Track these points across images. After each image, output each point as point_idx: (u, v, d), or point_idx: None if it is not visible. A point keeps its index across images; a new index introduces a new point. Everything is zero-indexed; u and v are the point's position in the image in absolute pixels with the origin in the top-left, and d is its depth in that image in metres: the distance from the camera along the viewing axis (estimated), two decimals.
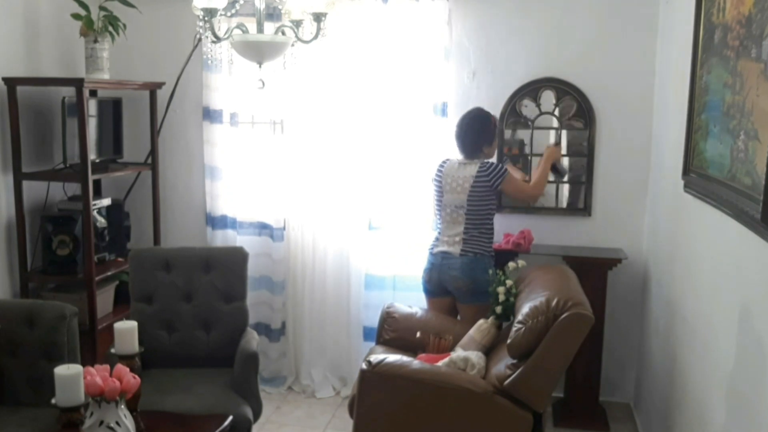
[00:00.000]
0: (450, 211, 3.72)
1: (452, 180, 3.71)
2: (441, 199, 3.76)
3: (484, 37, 4.13)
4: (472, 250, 3.63)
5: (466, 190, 3.65)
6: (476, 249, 3.64)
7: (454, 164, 3.76)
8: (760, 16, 2.16)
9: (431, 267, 3.76)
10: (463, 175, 3.68)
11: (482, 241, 3.66)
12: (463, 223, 3.66)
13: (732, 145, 2.39)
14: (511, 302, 3.25)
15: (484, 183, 3.63)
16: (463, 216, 3.67)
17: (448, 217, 3.73)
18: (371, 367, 2.88)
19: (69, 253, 3.79)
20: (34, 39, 3.94)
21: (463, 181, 3.66)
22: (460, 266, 3.62)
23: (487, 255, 3.67)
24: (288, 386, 4.42)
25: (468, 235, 3.66)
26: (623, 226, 4.13)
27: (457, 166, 3.74)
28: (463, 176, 3.67)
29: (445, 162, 3.81)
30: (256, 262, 4.26)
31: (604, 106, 4.07)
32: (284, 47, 2.88)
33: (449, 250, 3.68)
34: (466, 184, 3.65)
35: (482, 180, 3.63)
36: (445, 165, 3.79)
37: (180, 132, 4.49)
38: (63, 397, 2.39)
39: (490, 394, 2.86)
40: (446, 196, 3.73)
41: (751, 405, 2.14)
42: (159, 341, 3.53)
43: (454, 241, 3.68)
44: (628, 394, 4.27)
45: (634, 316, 4.16)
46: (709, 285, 2.72)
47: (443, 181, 3.75)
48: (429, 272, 3.78)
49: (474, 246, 3.64)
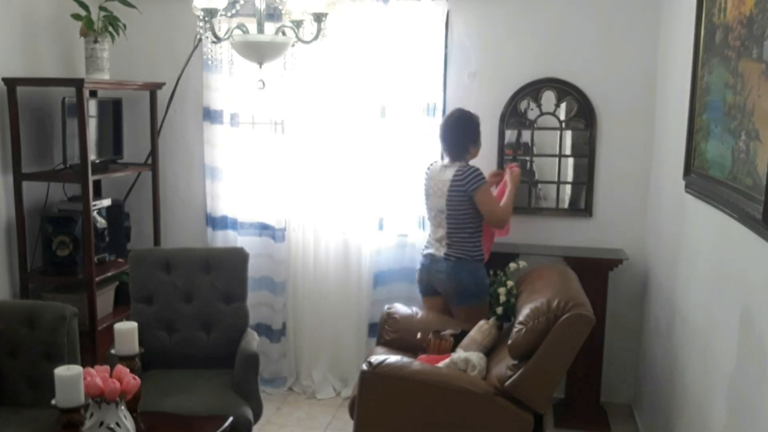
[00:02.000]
0: (434, 214, 3.72)
1: (434, 183, 3.69)
2: (427, 201, 3.77)
3: (484, 37, 4.13)
4: (455, 254, 3.62)
5: (445, 194, 3.61)
6: (459, 253, 3.61)
7: (437, 167, 3.73)
8: (762, 16, 2.15)
9: (422, 268, 3.79)
10: (443, 179, 3.64)
11: (466, 245, 3.62)
12: (446, 227, 3.65)
13: (733, 146, 2.38)
14: (512, 303, 3.25)
15: (459, 188, 3.57)
16: (444, 220, 3.65)
17: (433, 221, 3.74)
18: (372, 368, 2.88)
19: (69, 254, 3.78)
20: (34, 39, 3.93)
21: (443, 185, 3.62)
22: (445, 269, 3.63)
23: (472, 259, 3.61)
24: (288, 387, 4.41)
25: (451, 239, 3.64)
26: (624, 227, 4.13)
27: (439, 169, 3.70)
28: (443, 180, 3.63)
29: (432, 164, 3.80)
30: (257, 262, 4.26)
31: (605, 107, 4.07)
32: (285, 48, 2.87)
33: (435, 253, 3.69)
34: (444, 188, 3.61)
35: (457, 185, 3.57)
36: (431, 167, 3.78)
37: (180, 132, 4.48)
38: (63, 398, 2.38)
39: (490, 395, 2.85)
40: (430, 200, 3.73)
41: (752, 406, 2.14)
42: (159, 342, 3.53)
43: (440, 244, 3.68)
44: (629, 395, 4.26)
45: (635, 316, 4.15)
46: (710, 285, 2.71)
47: (427, 184, 3.75)
48: (420, 273, 3.81)
49: (457, 250, 3.62)
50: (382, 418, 2.92)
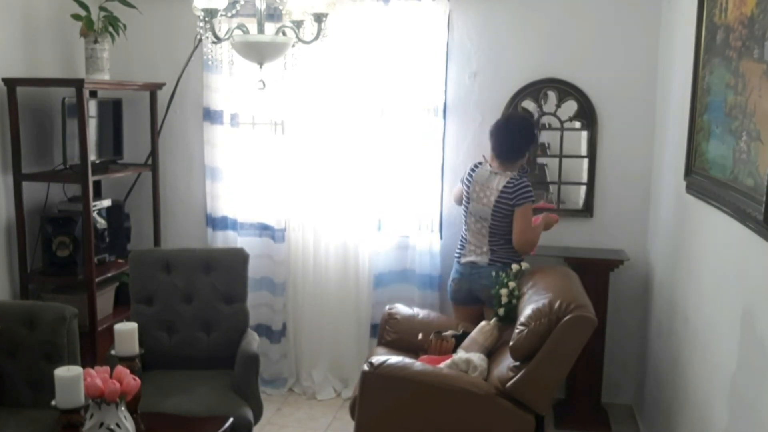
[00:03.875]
0: (474, 220, 3.59)
1: (480, 189, 3.55)
2: (468, 206, 3.63)
3: (485, 37, 4.12)
4: (500, 260, 3.53)
5: (491, 203, 3.49)
6: (504, 258, 3.54)
7: (485, 172, 3.57)
8: (763, 16, 2.15)
9: (460, 277, 3.65)
10: (490, 186, 3.51)
11: (509, 249, 3.55)
12: (488, 236, 3.55)
13: (734, 146, 2.38)
14: (514, 304, 3.24)
15: (506, 201, 3.47)
16: (487, 228, 3.54)
17: (473, 226, 3.60)
18: (373, 368, 2.87)
19: (69, 255, 3.78)
20: (34, 39, 3.93)
21: (490, 194, 3.50)
22: (490, 276, 3.48)
23: (516, 262, 3.53)
24: (289, 388, 4.41)
25: (495, 246, 3.55)
26: (625, 228, 4.12)
27: (487, 174, 3.55)
28: (491, 188, 3.51)
29: (478, 166, 3.63)
30: (257, 263, 4.25)
31: (605, 107, 4.06)
32: (285, 48, 2.87)
33: (477, 260, 3.58)
34: (491, 197, 3.49)
35: (506, 197, 3.46)
36: (477, 170, 3.60)
37: (180, 133, 4.48)
38: (63, 398, 2.37)
39: (492, 396, 2.85)
40: (472, 204, 3.59)
41: (754, 407, 2.14)
42: (159, 343, 3.53)
43: (482, 251, 3.56)
44: (630, 396, 4.26)
45: (636, 317, 4.15)
46: (711, 286, 2.71)
47: (471, 188, 3.60)
48: (459, 282, 3.67)
49: (502, 255, 3.54)
50: (383, 419, 2.91)
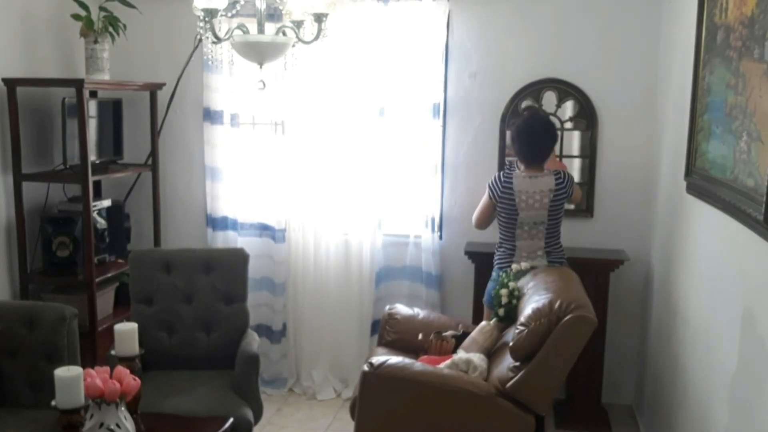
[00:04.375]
0: (528, 228, 3.49)
1: (529, 196, 3.45)
2: (515, 217, 3.49)
3: (485, 37, 4.12)
4: (558, 260, 3.53)
5: (546, 205, 3.44)
6: (561, 258, 3.54)
7: (523, 178, 3.47)
8: (763, 16, 2.15)
9: None
10: (540, 189, 3.44)
11: (561, 248, 3.57)
12: (544, 238, 3.51)
13: (734, 147, 2.38)
14: (514, 304, 3.24)
15: (563, 194, 3.48)
16: (543, 231, 3.49)
17: (526, 234, 3.50)
18: (373, 368, 2.87)
19: (69, 255, 3.78)
20: (34, 39, 3.93)
21: (541, 196, 3.44)
22: None
23: (566, 261, 3.57)
24: (289, 388, 4.41)
25: (550, 247, 3.53)
26: (625, 228, 4.12)
27: (528, 179, 3.46)
28: (540, 190, 3.44)
29: (510, 175, 3.51)
30: (257, 263, 4.25)
31: (606, 107, 4.06)
32: (285, 48, 2.87)
33: (536, 264, 3.49)
34: (545, 198, 3.44)
35: (561, 192, 3.47)
36: (513, 179, 3.48)
37: (180, 133, 4.48)
38: (63, 399, 2.37)
39: (492, 396, 2.85)
40: (522, 214, 3.46)
41: (754, 407, 2.14)
42: (159, 343, 3.52)
43: (536, 255, 3.51)
44: (630, 396, 4.26)
45: (636, 317, 4.15)
46: (712, 286, 2.71)
47: (517, 198, 3.46)
48: None
49: (559, 255, 3.55)
50: (383, 419, 2.91)
